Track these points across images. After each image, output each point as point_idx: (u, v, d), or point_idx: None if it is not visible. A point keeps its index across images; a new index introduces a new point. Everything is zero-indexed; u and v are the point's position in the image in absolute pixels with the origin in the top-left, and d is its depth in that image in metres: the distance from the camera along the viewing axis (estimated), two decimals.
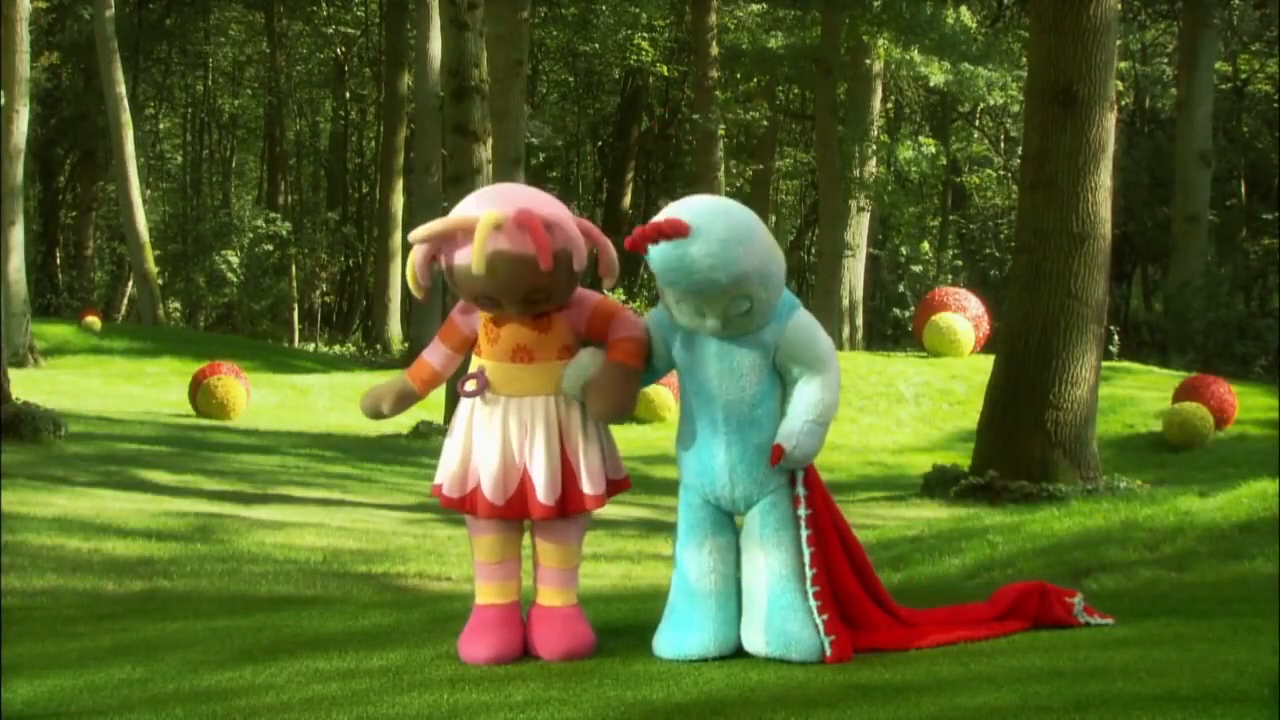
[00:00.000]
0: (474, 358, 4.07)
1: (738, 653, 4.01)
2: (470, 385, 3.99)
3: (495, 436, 3.95)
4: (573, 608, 4.10)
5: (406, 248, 4.23)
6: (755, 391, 3.97)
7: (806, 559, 3.98)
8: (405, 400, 4.14)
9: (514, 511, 3.99)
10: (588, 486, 4.00)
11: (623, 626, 4.41)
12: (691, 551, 4.08)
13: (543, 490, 3.94)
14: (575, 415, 4.01)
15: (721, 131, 26.54)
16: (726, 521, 4.10)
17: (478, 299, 3.94)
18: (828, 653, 3.90)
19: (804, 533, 4.00)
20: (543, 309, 3.96)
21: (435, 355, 4.12)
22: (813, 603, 3.95)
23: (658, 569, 7.63)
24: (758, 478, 3.99)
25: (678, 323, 4.00)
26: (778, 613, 3.93)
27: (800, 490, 4.02)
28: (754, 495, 4.01)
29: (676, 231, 3.74)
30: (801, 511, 4.01)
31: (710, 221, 3.79)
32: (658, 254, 3.80)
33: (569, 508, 4.01)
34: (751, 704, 3.46)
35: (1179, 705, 3.23)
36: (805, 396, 3.97)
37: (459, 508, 4.05)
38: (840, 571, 4.07)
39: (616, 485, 4.13)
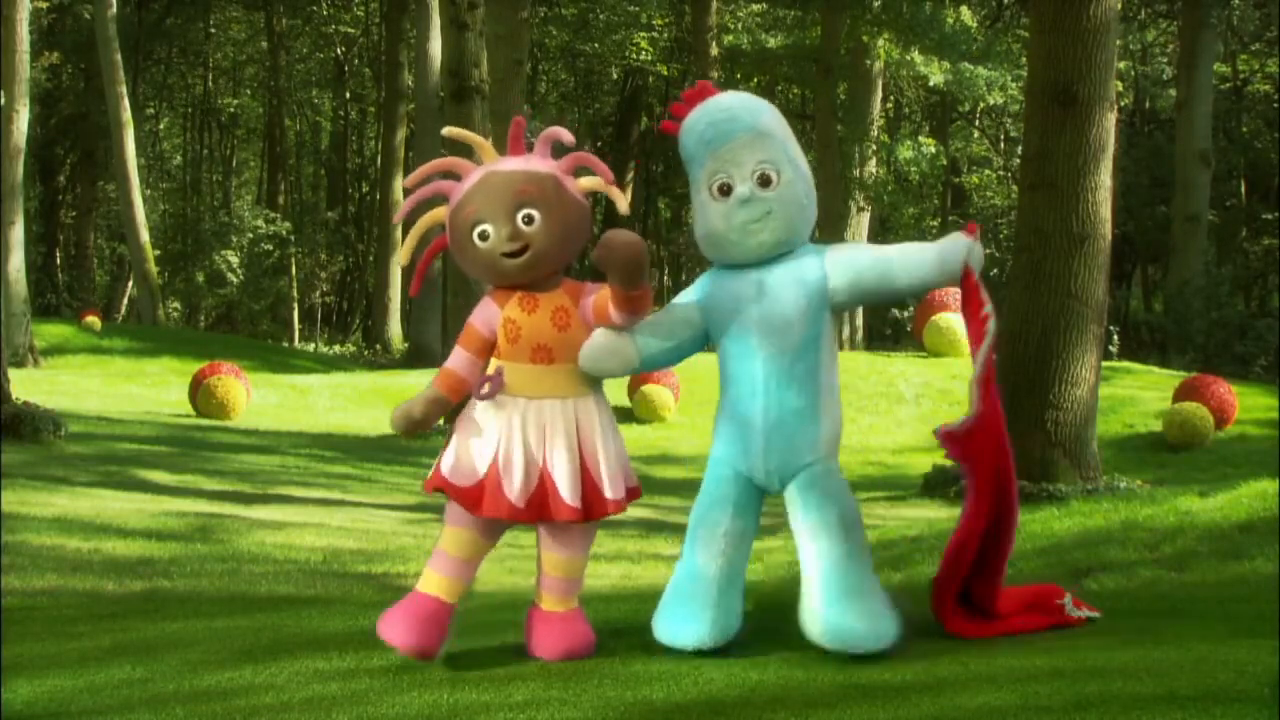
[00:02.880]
0: (492, 359, 4.01)
1: (736, 651, 4.00)
2: (485, 388, 3.92)
3: (517, 438, 3.89)
4: (573, 611, 4.08)
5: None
6: (799, 340, 3.93)
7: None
8: (437, 405, 3.98)
9: (533, 514, 3.91)
10: (609, 491, 3.95)
11: (623, 626, 4.40)
12: (706, 530, 4.03)
13: (567, 492, 3.88)
14: (594, 419, 3.97)
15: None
16: (751, 505, 4.03)
17: (471, 230, 3.90)
18: (892, 639, 3.86)
19: (850, 504, 3.97)
20: (535, 250, 3.89)
21: (458, 362, 4.01)
22: (873, 584, 3.92)
23: (658, 569, 7.62)
24: (794, 445, 3.93)
25: (711, 222, 3.99)
26: (833, 605, 3.87)
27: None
28: (789, 465, 3.95)
29: (704, 89, 4.13)
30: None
31: (736, 91, 4.20)
32: (688, 120, 4.06)
33: (591, 512, 3.95)
34: (751, 704, 3.46)
35: (1179, 705, 3.23)
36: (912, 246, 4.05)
37: (462, 498, 3.91)
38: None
39: (632, 492, 4.07)
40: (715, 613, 3.98)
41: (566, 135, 4.11)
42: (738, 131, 3.94)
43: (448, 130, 4.18)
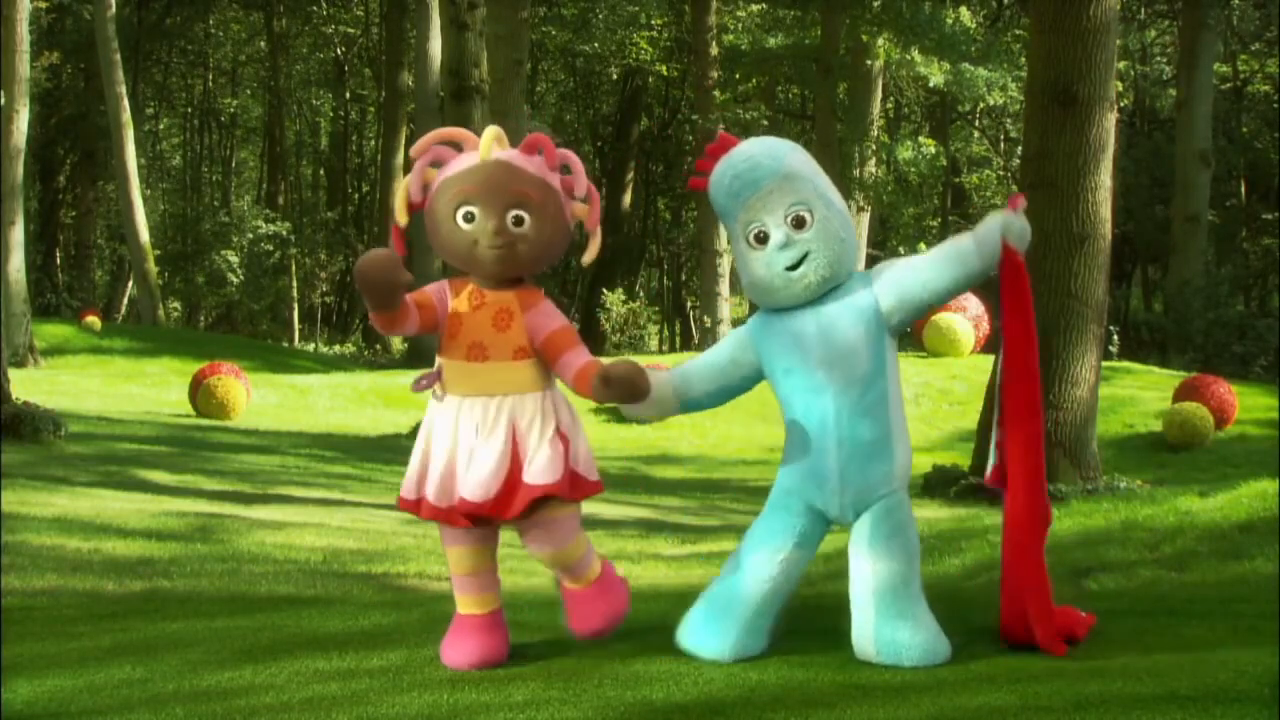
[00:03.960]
0: (436, 357, 3.98)
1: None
2: (424, 381, 3.90)
3: (447, 437, 3.86)
4: (592, 585, 4.03)
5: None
6: (867, 369, 3.90)
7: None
8: (398, 274, 3.70)
9: (456, 516, 3.87)
10: (531, 478, 3.81)
11: (623, 626, 4.40)
12: (762, 555, 3.99)
13: (468, 486, 3.81)
14: (529, 415, 3.87)
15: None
16: (815, 537, 4.01)
17: (457, 207, 3.84)
18: (945, 657, 3.87)
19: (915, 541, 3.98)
20: (515, 252, 3.84)
21: (412, 299, 3.88)
22: (922, 608, 3.92)
23: (658, 569, 7.63)
24: (870, 479, 3.91)
25: (753, 271, 3.97)
26: (886, 621, 3.88)
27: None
28: (864, 499, 3.92)
29: (725, 141, 4.08)
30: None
31: (759, 138, 4.14)
32: (714, 175, 4.02)
33: (505, 510, 3.84)
34: (751, 704, 3.45)
35: (1179, 705, 3.23)
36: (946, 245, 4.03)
37: (413, 511, 3.92)
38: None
39: (591, 485, 3.97)
40: (740, 633, 3.95)
41: (548, 144, 3.99)
42: (764, 179, 3.91)
43: (416, 148, 4.08)
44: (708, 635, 3.97)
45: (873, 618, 3.90)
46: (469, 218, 3.85)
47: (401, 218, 3.98)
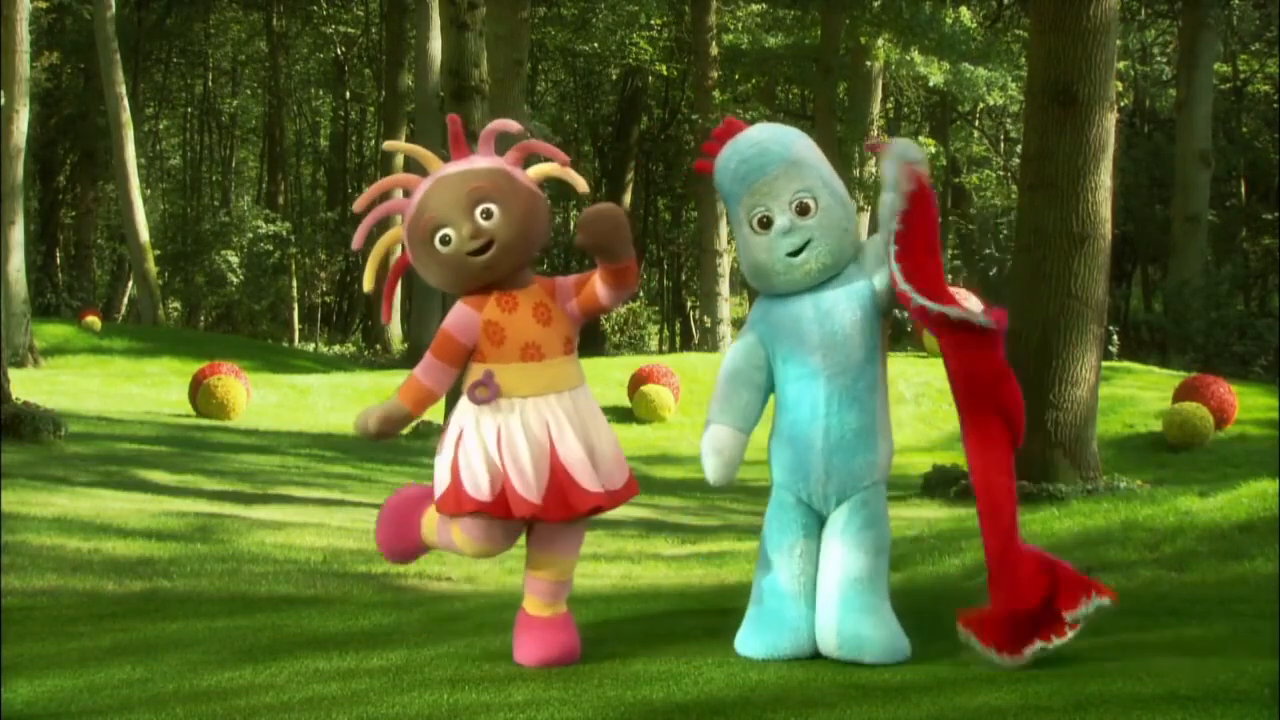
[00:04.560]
0: (473, 364, 3.95)
1: (736, 652, 4.00)
2: (482, 392, 3.87)
3: (520, 438, 3.83)
4: (559, 616, 4.02)
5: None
6: (860, 356, 3.93)
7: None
8: (394, 423, 4.02)
9: (553, 511, 3.86)
10: (613, 481, 3.93)
11: (623, 627, 4.40)
12: (782, 555, 4.03)
13: (588, 481, 3.84)
14: (592, 409, 3.95)
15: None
16: (816, 525, 4.03)
17: (432, 236, 3.89)
18: (905, 654, 3.86)
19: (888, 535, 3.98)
20: (500, 244, 3.87)
21: (428, 372, 3.98)
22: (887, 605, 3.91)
23: (658, 569, 7.63)
24: (854, 469, 3.93)
25: (754, 255, 3.98)
26: (850, 615, 3.88)
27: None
28: (847, 490, 3.95)
29: (731, 126, 4.11)
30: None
31: (766, 124, 4.19)
32: (719, 159, 4.05)
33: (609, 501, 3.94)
34: (751, 704, 3.46)
35: (1179, 705, 3.23)
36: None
37: (492, 512, 3.84)
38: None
39: (630, 483, 4.04)
40: (809, 626, 3.97)
41: (513, 126, 4.09)
42: (770, 165, 3.96)
43: (388, 144, 4.21)
44: (779, 639, 3.96)
45: (837, 610, 3.90)
46: (445, 240, 3.89)
47: (368, 285, 4.21)
